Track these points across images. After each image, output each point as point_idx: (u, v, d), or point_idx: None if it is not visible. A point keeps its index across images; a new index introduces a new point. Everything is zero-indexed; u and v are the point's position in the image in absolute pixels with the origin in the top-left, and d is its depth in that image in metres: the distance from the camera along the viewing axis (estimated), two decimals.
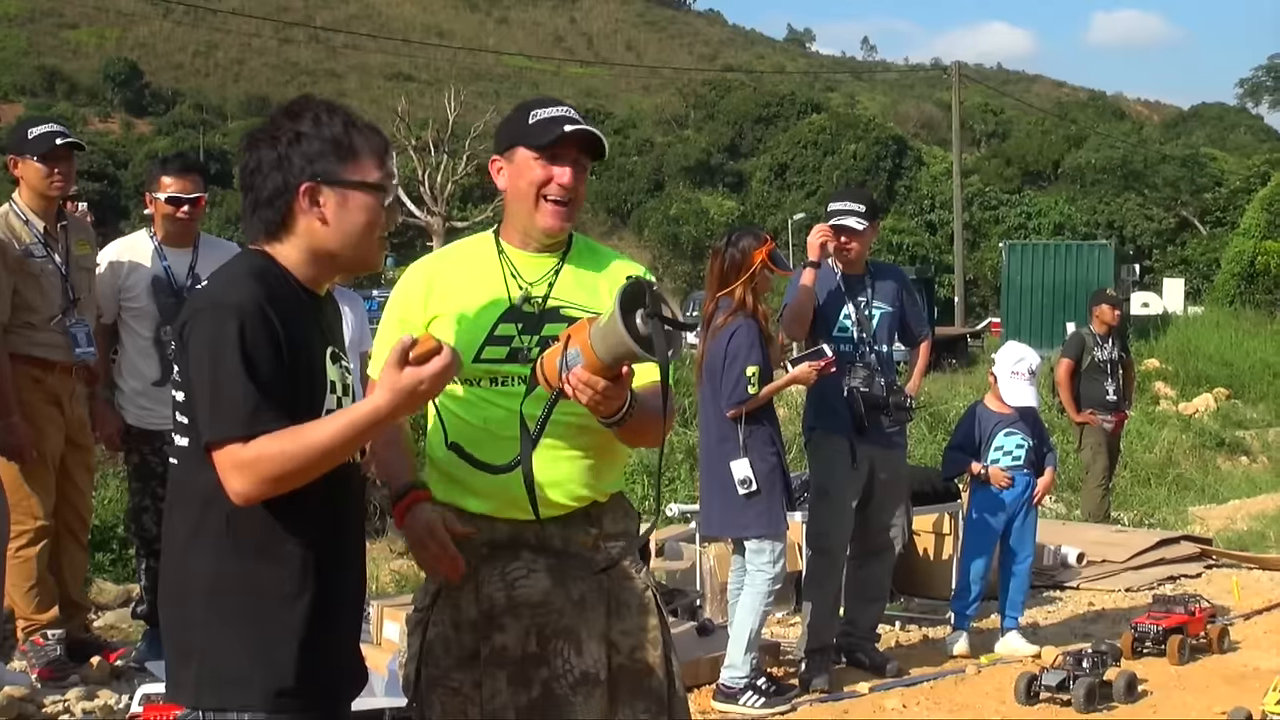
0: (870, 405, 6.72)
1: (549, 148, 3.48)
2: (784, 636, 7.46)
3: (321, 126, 2.82)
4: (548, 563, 3.57)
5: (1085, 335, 12.24)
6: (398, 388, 2.69)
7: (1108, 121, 78.00)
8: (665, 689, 3.74)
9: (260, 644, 2.72)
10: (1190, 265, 53.74)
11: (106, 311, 6.22)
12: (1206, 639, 7.32)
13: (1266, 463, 18.24)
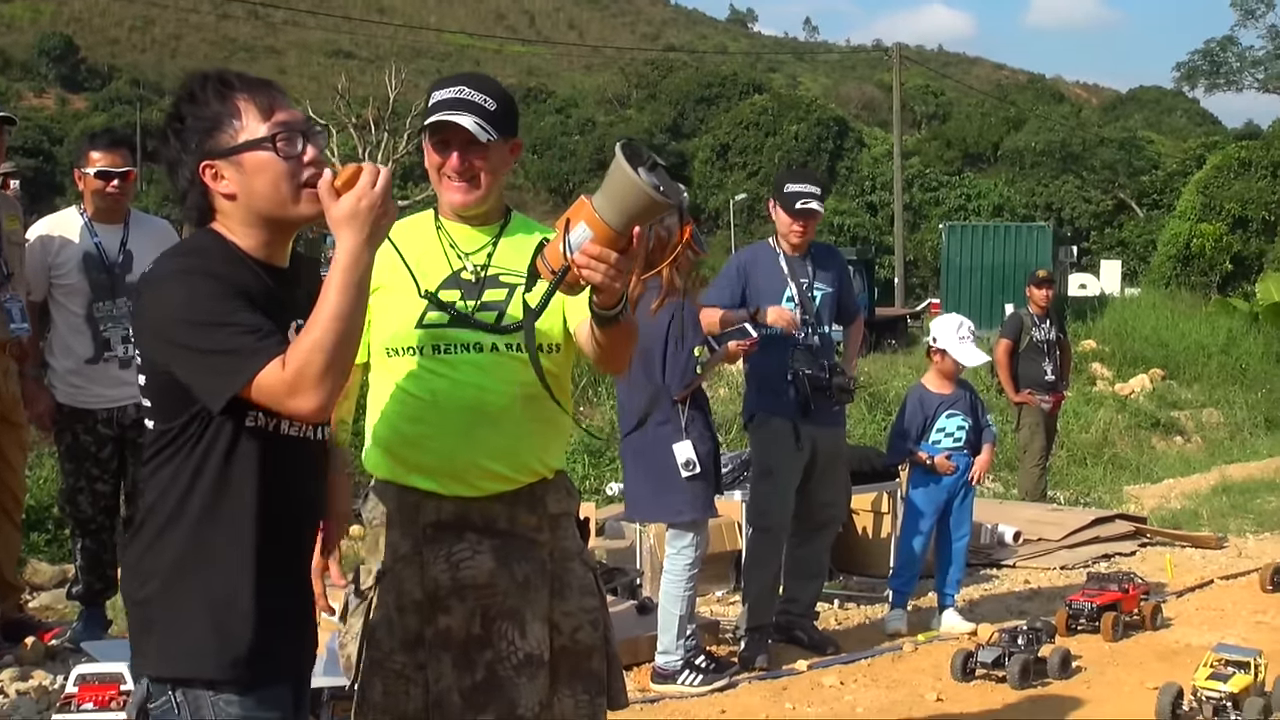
0: (814, 387, 6.75)
1: (433, 132, 3.55)
2: (723, 615, 7.48)
3: (198, 105, 2.82)
4: (492, 544, 3.56)
5: (1023, 316, 12.34)
6: (343, 216, 2.71)
7: (1047, 104, 78.34)
8: (605, 670, 3.76)
9: (227, 606, 2.76)
10: (1127, 247, 54.22)
11: (36, 288, 6.14)
12: (1140, 616, 7.40)
13: (1200, 443, 18.46)
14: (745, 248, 7.28)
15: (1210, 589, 8.46)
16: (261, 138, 2.78)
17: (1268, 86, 76.26)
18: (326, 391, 2.68)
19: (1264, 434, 18.33)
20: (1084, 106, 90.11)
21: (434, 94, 3.59)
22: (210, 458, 2.76)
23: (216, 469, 2.76)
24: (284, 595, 2.88)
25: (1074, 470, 15.07)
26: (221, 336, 2.65)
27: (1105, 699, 6.19)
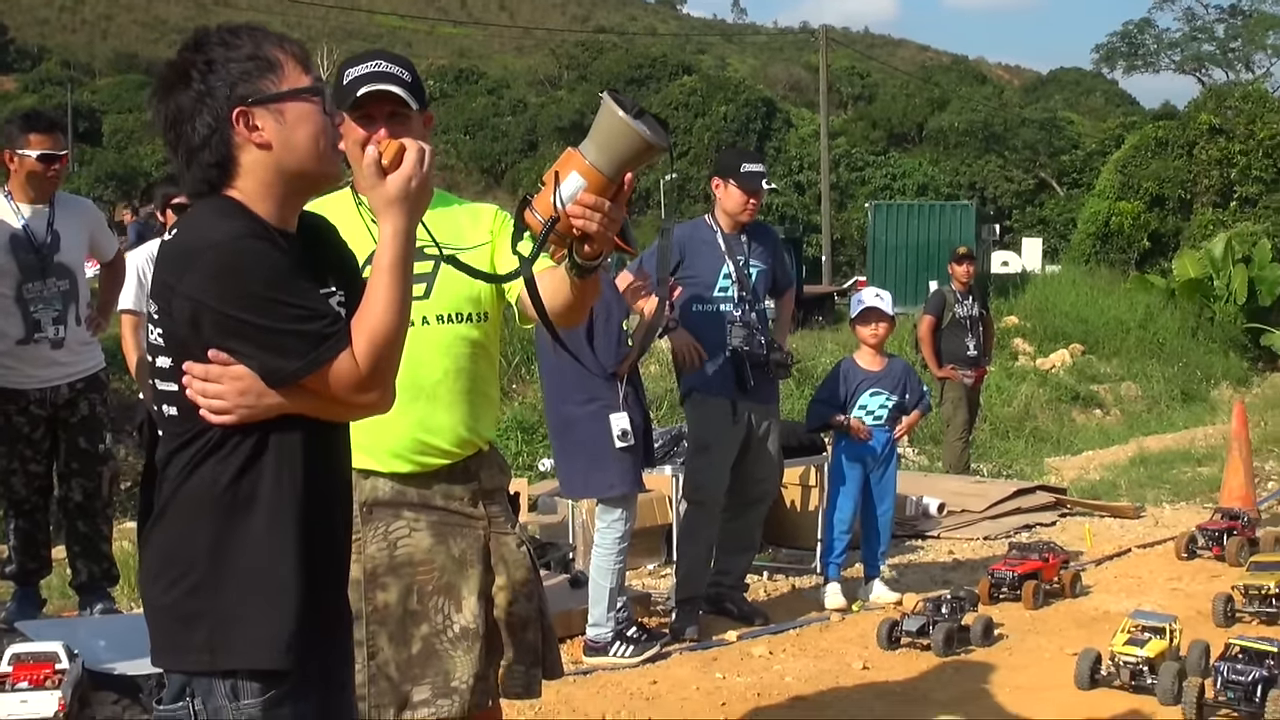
0: (753, 363, 6.79)
1: (359, 108, 3.53)
2: (654, 588, 7.51)
3: (231, 48, 2.59)
4: (429, 520, 3.59)
5: (947, 293, 12.44)
6: (395, 196, 2.59)
7: (970, 85, 78.79)
8: (540, 641, 3.80)
9: (264, 600, 2.60)
10: (1048, 225, 54.68)
11: None
12: (1060, 584, 7.50)
13: (1119, 415, 18.67)
14: (684, 223, 7.28)
15: (1128, 557, 8.57)
16: (308, 87, 2.64)
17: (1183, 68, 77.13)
18: (390, 383, 2.62)
19: (1180, 407, 18.58)
20: (1006, 87, 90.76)
21: (349, 71, 3.59)
22: (244, 444, 2.59)
23: (249, 454, 2.59)
24: (331, 580, 2.78)
25: (996, 443, 15.22)
26: (298, 315, 2.49)
27: (1026, 665, 6.26)
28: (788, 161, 60.75)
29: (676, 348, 6.78)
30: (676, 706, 5.69)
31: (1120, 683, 5.80)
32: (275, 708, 2.59)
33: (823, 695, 5.86)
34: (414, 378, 3.54)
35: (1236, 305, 23.44)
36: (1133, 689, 5.77)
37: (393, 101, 3.53)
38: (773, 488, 7.52)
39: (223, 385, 2.52)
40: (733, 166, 6.94)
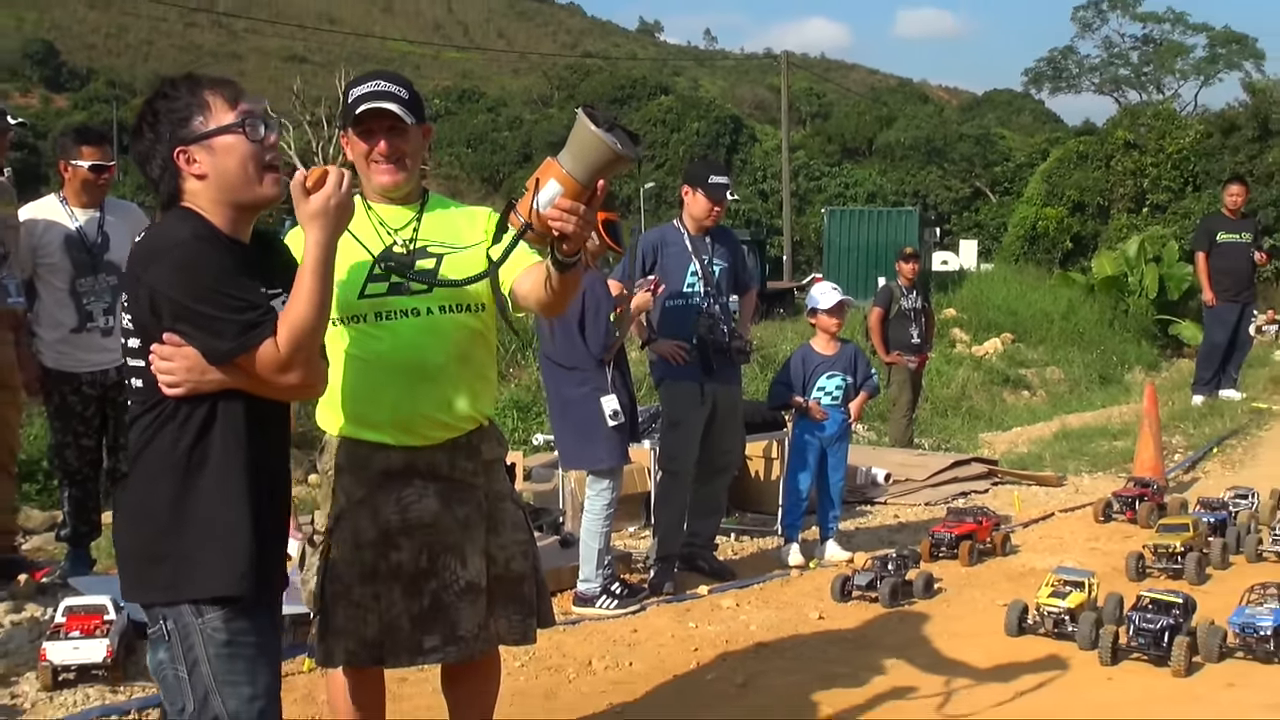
0: (716, 349, 6.82)
1: (360, 122, 3.55)
2: (635, 548, 7.51)
3: (170, 99, 2.85)
4: (436, 488, 3.60)
5: (893, 288, 12.47)
6: (315, 212, 2.78)
7: (914, 105, 78.74)
8: (534, 594, 3.81)
9: (219, 538, 2.82)
10: (982, 228, 54.70)
11: (24, 267, 6.07)
12: (992, 544, 7.52)
13: (1044, 396, 18.72)
14: (654, 229, 7.30)
15: (1051, 521, 8.59)
16: (230, 123, 2.82)
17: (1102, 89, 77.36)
18: (311, 369, 2.81)
19: (1098, 388, 18.61)
20: (945, 107, 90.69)
21: (353, 91, 3.59)
22: (196, 414, 2.82)
23: (203, 420, 2.82)
24: (271, 529, 2.94)
25: (936, 420, 15.25)
26: (233, 305, 2.73)
27: (962, 615, 6.28)
28: (753, 172, 60.74)
29: (662, 352, 6.81)
30: (654, 652, 5.70)
31: (1045, 630, 5.83)
32: (233, 621, 2.83)
33: (783, 642, 5.88)
34: (420, 362, 3.56)
35: (1148, 299, 23.51)
36: (1055, 636, 5.79)
37: (390, 116, 3.53)
38: (737, 459, 7.56)
39: (174, 362, 2.77)
40: (701, 177, 6.95)
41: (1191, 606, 5.71)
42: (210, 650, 2.81)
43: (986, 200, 59.39)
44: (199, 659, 2.81)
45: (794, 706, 5.01)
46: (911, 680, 5.27)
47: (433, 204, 3.73)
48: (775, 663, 5.58)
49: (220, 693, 2.81)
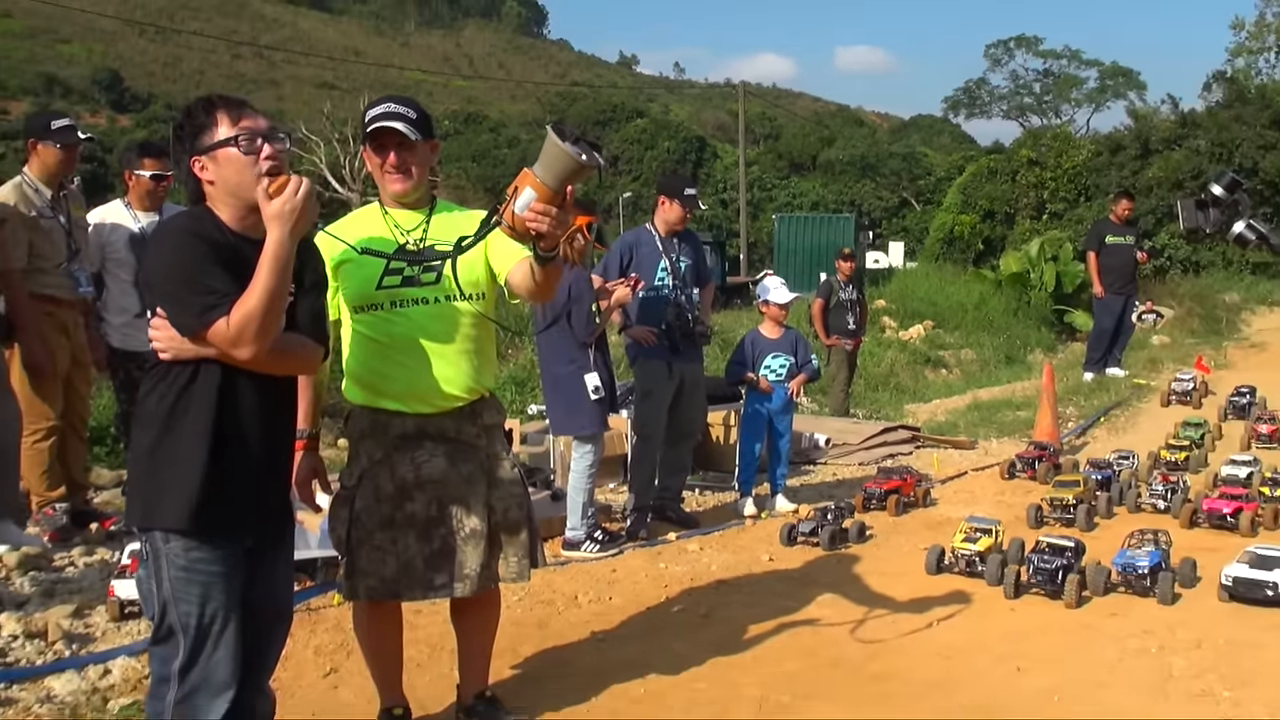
0: (682, 333, 6.84)
1: (374, 138, 3.57)
2: (615, 501, 7.53)
3: (191, 118, 2.96)
4: (445, 449, 3.63)
5: (833, 282, 12.54)
6: (273, 214, 2.83)
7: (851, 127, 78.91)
8: (529, 541, 3.82)
9: (180, 481, 2.88)
10: (908, 232, 54.62)
11: (93, 262, 6.06)
12: (914, 498, 7.58)
13: (959, 373, 18.77)
14: (630, 231, 7.31)
15: (965, 478, 8.64)
16: (226, 138, 2.91)
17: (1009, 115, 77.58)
18: (258, 345, 2.84)
19: (1004, 367, 18.66)
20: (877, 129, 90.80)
21: (369, 112, 3.61)
22: (181, 376, 2.91)
23: (184, 382, 2.91)
24: (237, 476, 2.95)
25: (869, 394, 15.28)
26: (197, 290, 2.81)
27: (890, 558, 6.33)
28: (715, 184, 60.61)
29: (636, 336, 6.82)
30: (630, 588, 5.72)
31: (959, 570, 5.88)
32: (192, 550, 2.90)
33: (739, 580, 5.91)
34: (430, 342, 3.58)
35: (1047, 292, 23.54)
36: (967, 574, 5.84)
37: (398, 134, 3.54)
38: (699, 426, 7.58)
39: (162, 332, 2.89)
40: (677, 189, 6.97)
41: (1081, 549, 5.77)
42: (171, 571, 2.89)
43: (911, 208, 59.40)
44: (163, 577, 2.90)
45: (747, 633, 5.04)
46: (847, 612, 5.30)
47: (440, 209, 3.73)
48: (733, 597, 5.61)
49: (176, 607, 2.89)
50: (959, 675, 4.55)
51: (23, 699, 4.06)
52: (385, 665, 3.84)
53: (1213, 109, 29.89)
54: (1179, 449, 8.74)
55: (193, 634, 2.88)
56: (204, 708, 2.90)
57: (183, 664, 2.89)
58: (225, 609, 2.92)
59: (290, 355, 2.99)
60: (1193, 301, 22.14)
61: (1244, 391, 11.19)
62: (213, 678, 2.90)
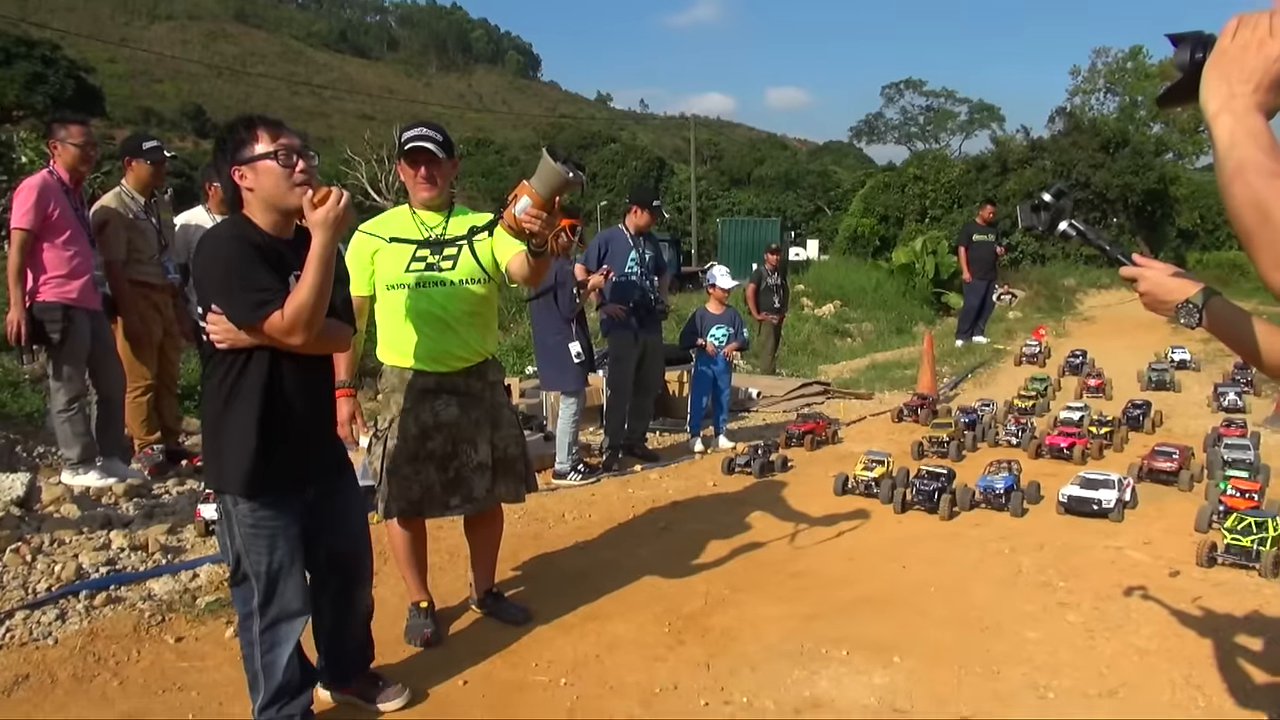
0: (646, 310, 6.81)
1: (409, 155, 3.52)
2: (593, 441, 7.52)
3: (234, 132, 2.76)
4: (457, 400, 3.60)
5: (763, 271, 12.51)
6: (319, 222, 2.66)
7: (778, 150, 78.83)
8: (524, 471, 3.81)
9: (241, 453, 2.75)
10: (822, 232, 54.67)
11: (180, 255, 5.95)
12: (825, 437, 7.60)
13: (861, 341, 18.84)
14: (605, 230, 7.26)
15: (864, 421, 8.68)
16: (266, 151, 2.72)
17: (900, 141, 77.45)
18: (309, 332, 2.68)
19: (895, 336, 18.75)
20: (798, 152, 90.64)
21: (405, 134, 3.57)
22: (236, 361, 2.75)
23: (239, 367, 2.74)
24: (289, 441, 2.82)
25: (791, 357, 15.32)
26: (249, 288, 2.64)
27: (805, 483, 6.35)
28: (672, 195, 60.41)
29: (609, 313, 6.77)
30: (605, 508, 5.72)
31: (859, 492, 5.92)
32: (258, 510, 2.77)
33: (690, 501, 5.92)
34: (446, 316, 3.54)
35: (928, 279, 23.61)
36: (865, 495, 5.88)
37: (428, 152, 3.49)
38: (658, 383, 7.54)
39: (217, 326, 2.69)
40: (647, 201, 6.93)
41: (953, 476, 5.82)
42: (241, 529, 2.78)
43: (825, 214, 59.44)
44: (235, 533, 2.79)
45: (696, 541, 5.06)
46: (773, 524, 5.33)
47: (457, 211, 3.69)
48: (685, 514, 5.63)
49: (247, 557, 2.79)
50: (859, 572, 4.58)
51: (129, 597, 4.02)
52: (413, 569, 3.82)
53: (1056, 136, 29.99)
54: (1028, 398, 8.82)
55: (264, 578, 2.79)
56: (284, 634, 2.84)
57: (260, 602, 2.80)
58: (289, 554, 2.82)
59: (330, 338, 2.84)
60: (1039, 285, 22.34)
61: (1078, 354, 11.30)
62: (288, 609, 2.83)
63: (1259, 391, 9.42)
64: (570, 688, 3.39)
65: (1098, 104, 43.15)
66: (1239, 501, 5.23)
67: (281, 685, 2.86)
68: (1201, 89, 1.33)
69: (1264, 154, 1.25)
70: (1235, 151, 1.27)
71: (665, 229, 48.93)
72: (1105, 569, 4.62)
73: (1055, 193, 2.29)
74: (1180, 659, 3.61)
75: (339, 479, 3.08)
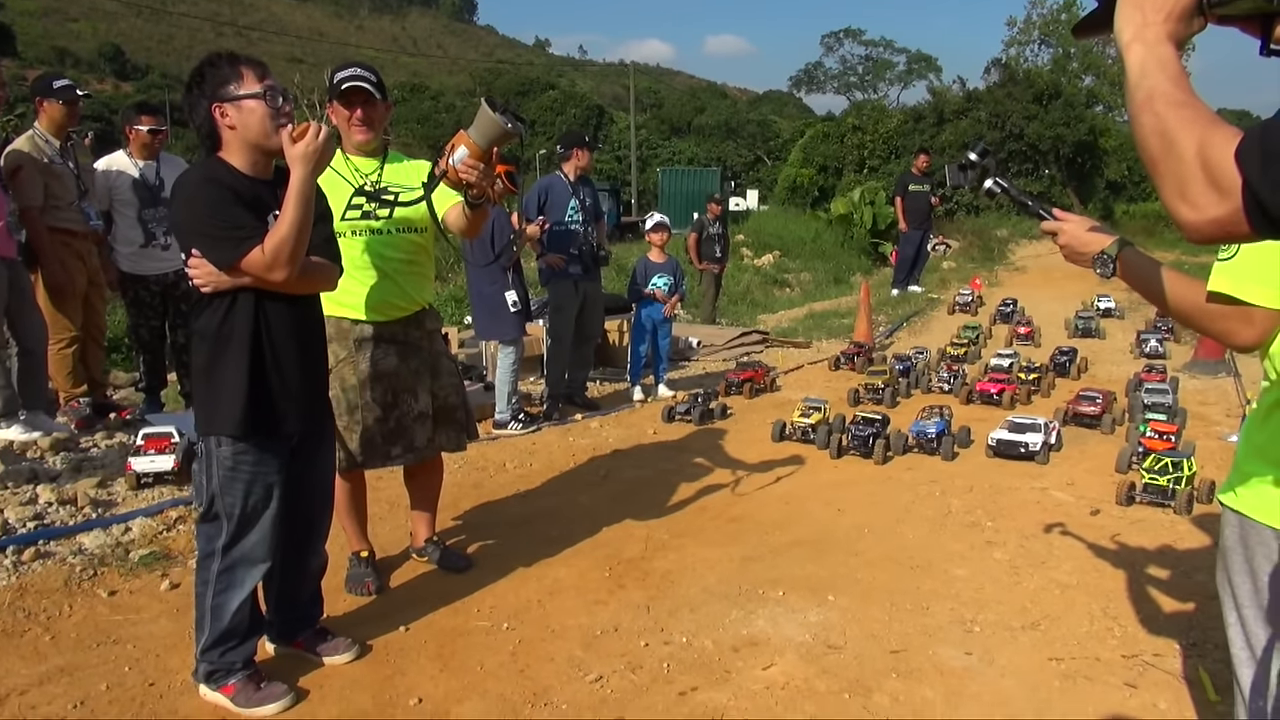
0: (586, 257, 6.78)
1: (344, 96, 3.44)
2: (534, 390, 7.52)
3: (215, 68, 2.69)
4: (396, 349, 3.58)
5: (704, 220, 12.50)
6: (298, 156, 2.64)
7: (718, 99, 78.28)
8: (465, 420, 3.81)
9: (228, 396, 2.74)
10: (762, 182, 54.70)
11: (102, 201, 5.75)
12: (764, 385, 7.70)
13: (800, 291, 19.04)
14: (544, 177, 7.19)
15: (802, 369, 8.80)
16: (257, 91, 2.68)
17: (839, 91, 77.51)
18: (290, 268, 2.66)
19: (833, 286, 18.98)
20: (739, 101, 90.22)
21: (338, 74, 3.48)
22: (223, 303, 2.72)
23: (226, 309, 2.71)
24: (278, 383, 2.81)
25: (731, 307, 15.43)
26: (227, 228, 2.61)
27: (744, 429, 6.44)
28: (612, 144, 59.76)
29: (549, 262, 6.73)
30: (546, 456, 5.74)
31: (796, 438, 6.03)
32: (240, 455, 2.77)
33: (630, 448, 5.97)
34: (383, 265, 3.50)
35: (865, 229, 23.84)
36: (803, 441, 5.99)
37: (364, 93, 3.43)
38: (598, 331, 7.56)
39: (200, 269, 2.68)
40: (580, 139, 6.88)
41: (887, 421, 5.95)
42: (220, 470, 2.77)
43: (764, 164, 59.45)
44: (213, 474, 2.78)
45: (636, 488, 5.11)
46: (712, 471, 5.41)
47: (392, 158, 3.64)
48: (625, 462, 5.68)
49: (223, 498, 2.79)
50: (796, 516, 4.68)
51: (59, 552, 3.94)
52: (353, 519, 3.81)
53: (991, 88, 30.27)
54: (960, 346, 9.03)
55: (236, 519, 2.77)
56: (241, 578, 2.83)
57: (226, 542, 2.79)
58: (265, 499, 2.81)
59: (314, 276, 2.80)
60: (973, 236, 22.71)
61: (1008, 303, 11.57)
62: (251, 555, 2.82)
63: (1179, 339, 9.77)
64: (513, 632, 3.43)
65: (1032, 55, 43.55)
66: (1157, 443, 5.45)
67: (228, 629, 2.85)
68: (1116, 18, 1.36)
69: (1172, 84, 1.29)
70: (1146, 81, 1.31)
71: (605, 178, 48.60)
72: (1030, 509, 4.79)
73: (980, 152, 2.35)
74: (1099, 592, 3.78)
75: (320, 427, 3.06)
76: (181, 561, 3.96)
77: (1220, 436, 6.11)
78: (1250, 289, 1.71)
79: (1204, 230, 1.22)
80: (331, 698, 2.99)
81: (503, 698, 2.98)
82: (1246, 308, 1.73)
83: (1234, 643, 1.85)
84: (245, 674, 2.92)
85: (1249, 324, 1.74)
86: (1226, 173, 1.18)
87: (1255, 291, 1.71)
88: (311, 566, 3.19)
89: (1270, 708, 1.78)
